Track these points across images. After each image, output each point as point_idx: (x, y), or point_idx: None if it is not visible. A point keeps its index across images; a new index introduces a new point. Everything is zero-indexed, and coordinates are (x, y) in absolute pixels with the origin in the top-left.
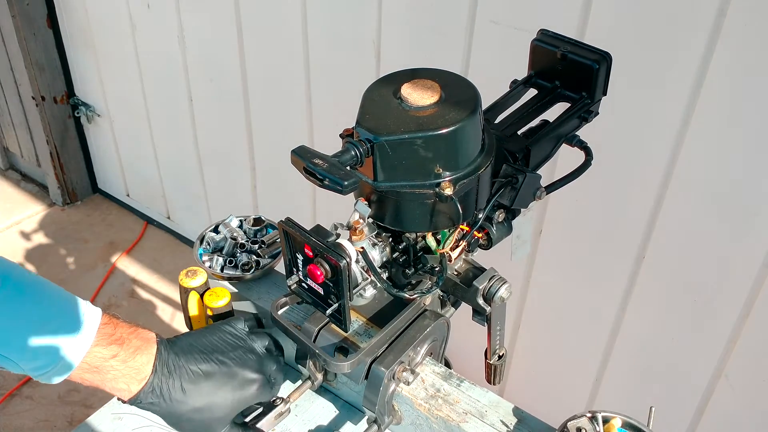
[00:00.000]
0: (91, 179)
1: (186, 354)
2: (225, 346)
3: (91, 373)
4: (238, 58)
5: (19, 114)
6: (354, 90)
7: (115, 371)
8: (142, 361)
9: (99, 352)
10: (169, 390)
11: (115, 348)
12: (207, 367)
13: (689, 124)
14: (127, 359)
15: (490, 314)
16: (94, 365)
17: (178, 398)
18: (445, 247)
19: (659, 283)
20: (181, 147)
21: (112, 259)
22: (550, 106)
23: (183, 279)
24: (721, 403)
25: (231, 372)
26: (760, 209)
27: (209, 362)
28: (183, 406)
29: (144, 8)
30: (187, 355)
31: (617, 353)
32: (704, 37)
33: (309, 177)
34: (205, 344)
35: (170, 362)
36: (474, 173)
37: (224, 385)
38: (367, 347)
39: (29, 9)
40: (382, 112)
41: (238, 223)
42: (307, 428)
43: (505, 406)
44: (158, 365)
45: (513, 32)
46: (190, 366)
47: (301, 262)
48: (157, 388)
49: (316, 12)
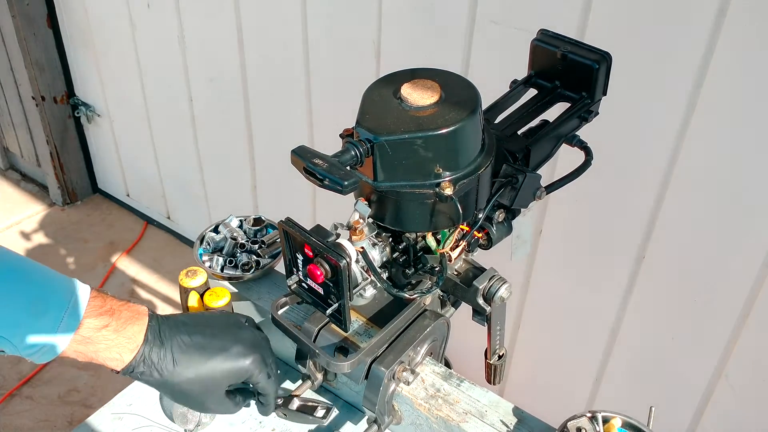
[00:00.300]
0: (91, 179)
1: (179, 326)
2: (219, 324)
3: (84, 344)
4: (238, 58)
5: (19, 114)
6: (354, 90)
7: (107, 341)
8: (134, 330)
9: (90, 323)
10: (160, 359)
11: (106, 318)
12: (199, 338)
13: (689, 124)
14: (119, 329)
15: (490, 314)
16: (85, 336)
17: (169, 369)
18: (445, 247)
19: (659, 283)
20: (181, 147)
21: (112, 259)
22: (550, 106)
23: (183, 279)
24: (721, 403)
25: (223, 345)
26: (760, 209)
27: (202, 334)
28: (175, 377)
29: (144, 8)
30: (180, 327)
31: (617, 353)
32: (704, 37)
33: (309, 177)
34: (199, 320)
35: (162, 332)
36: (474, 173)
37: (216, 356)
38: (367, 347)
39: (29, 9)
40: (382, 112)
41: (238, 223)
42: (308, 429)
43: (505, 406)
44: (150, 334)
45: (513, 32)
46: (182, 336)
47: (301, 262)
48: (148, 357)
49: (316, 12)
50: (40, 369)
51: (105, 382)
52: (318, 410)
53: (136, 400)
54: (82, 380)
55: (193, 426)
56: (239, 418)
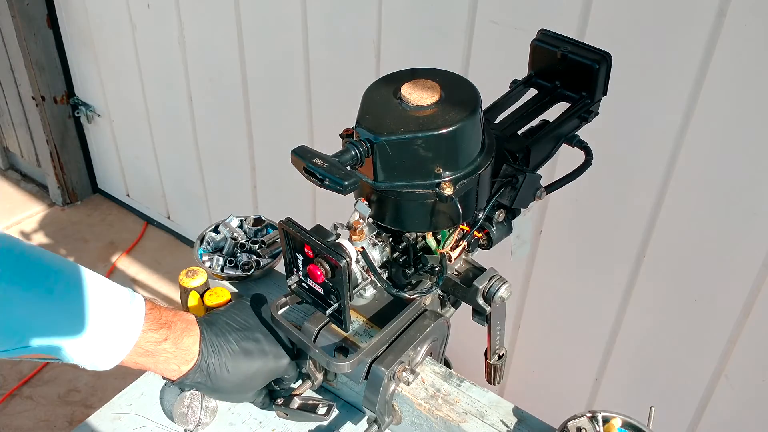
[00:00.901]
0: (91, 179)
1: (225, 334)
2: (256, 325)
3: (144, 357)
4: (238, 58)
5: (19, 114)
6: (354, 90)
7: (167, 353)
8: (189, 342)
9: (152, 337)
10: (215, 369)
11: (165, 331)
12: (246, 345)
13: (689, 124)
14: (177, 341)
15: (490, 314)
16: (147, 349)
17: (223, 376)
18: (445, 247)
19: (659, 282)
20: (181, 147)
21: (112, 259)
22: (550, 106)
23: (183, 279)
24: (721, 403)
25: (265, 349)
26: (760, 209)
27: (247, 340)
28: (226, 383)
29: (144, 8)
30: (226, 335)
31: (617, 353)
32: (704, 37)
33: (309, 177)
34: (240, 323)
35: (212, 342)
36: (474, 173)
37: (259, 361)
38: (367, 347)
39: (29, 9)
40: (382, 112)
41: (238, 223)
42: (308, 428)
43: (505, 406)
44: (203, 346)
45: (513, 32)
46: (231, 346)
47: (301, 262)
48: (204, 368)
49: (316, 12)
50: (40, 369)
51: (105, 382)
52: (319, 408)
53: (136, 400)
54: (82, 380)
55: (193, 426)
56: (239, 417)
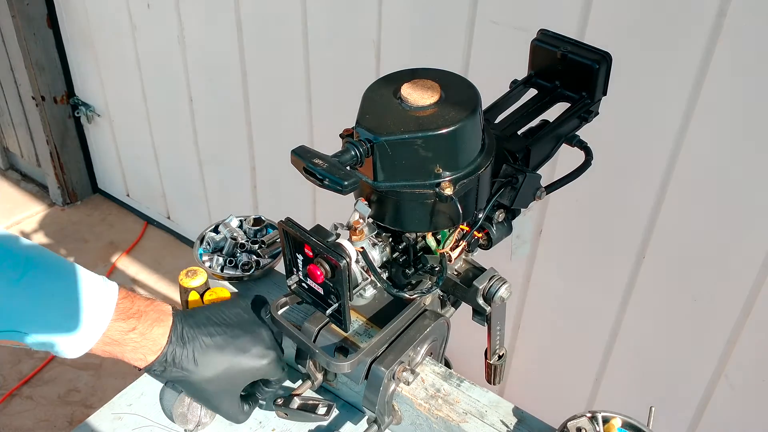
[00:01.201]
0: (91, 179)
1: (201, 327)
2: (240, 322)
3: (111, 345)
4: (238, 58)
5: (19, 114)
6: (354, 90)
7: (134, 343)
8: (158, 332)
9: (119, 326)
10: (181, 360)
11: (134, 321)
12: (220, 339)
13: (689, 124)
14: (145, 332)
15: (490, 314)
16: (114, 339)
17: (190, 368)
18: (445, 247)
19: (659, 283)
20: (181, 147)
21: (112, 259)
22: (550, 106)
23: (183, 279)
24: (721, 403)
25: (243, 346)
26: (760, 209)
27: (223, 335)
28: (194, 376)
29: (144, 8)
30: (202, 327)
31: (617, 353)
32: (704, 37)
33: (309, 177)
34: (222, 318)
35: (185, 334)
36: (474, 173)
37: (234, 357)
38: (367, 347)
39: (29, 9)
40: (382, 112)
41: (238, 223)
42: (307, 428)
43: (505, 406)
44: (173, 336)
45: (513, 32)
46: (203, 338)
47: (301, 262)
48: (170, 357)
49: (316, 12)
50: (40, 369)
51: (105, 382)
52: (319, 408)
53: (136, 400)
54: (82, 380)
55: (193, 426)
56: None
